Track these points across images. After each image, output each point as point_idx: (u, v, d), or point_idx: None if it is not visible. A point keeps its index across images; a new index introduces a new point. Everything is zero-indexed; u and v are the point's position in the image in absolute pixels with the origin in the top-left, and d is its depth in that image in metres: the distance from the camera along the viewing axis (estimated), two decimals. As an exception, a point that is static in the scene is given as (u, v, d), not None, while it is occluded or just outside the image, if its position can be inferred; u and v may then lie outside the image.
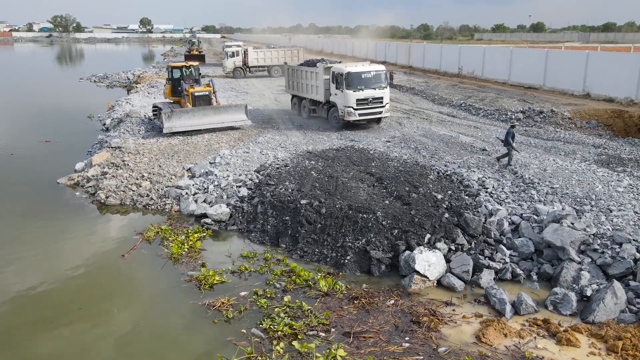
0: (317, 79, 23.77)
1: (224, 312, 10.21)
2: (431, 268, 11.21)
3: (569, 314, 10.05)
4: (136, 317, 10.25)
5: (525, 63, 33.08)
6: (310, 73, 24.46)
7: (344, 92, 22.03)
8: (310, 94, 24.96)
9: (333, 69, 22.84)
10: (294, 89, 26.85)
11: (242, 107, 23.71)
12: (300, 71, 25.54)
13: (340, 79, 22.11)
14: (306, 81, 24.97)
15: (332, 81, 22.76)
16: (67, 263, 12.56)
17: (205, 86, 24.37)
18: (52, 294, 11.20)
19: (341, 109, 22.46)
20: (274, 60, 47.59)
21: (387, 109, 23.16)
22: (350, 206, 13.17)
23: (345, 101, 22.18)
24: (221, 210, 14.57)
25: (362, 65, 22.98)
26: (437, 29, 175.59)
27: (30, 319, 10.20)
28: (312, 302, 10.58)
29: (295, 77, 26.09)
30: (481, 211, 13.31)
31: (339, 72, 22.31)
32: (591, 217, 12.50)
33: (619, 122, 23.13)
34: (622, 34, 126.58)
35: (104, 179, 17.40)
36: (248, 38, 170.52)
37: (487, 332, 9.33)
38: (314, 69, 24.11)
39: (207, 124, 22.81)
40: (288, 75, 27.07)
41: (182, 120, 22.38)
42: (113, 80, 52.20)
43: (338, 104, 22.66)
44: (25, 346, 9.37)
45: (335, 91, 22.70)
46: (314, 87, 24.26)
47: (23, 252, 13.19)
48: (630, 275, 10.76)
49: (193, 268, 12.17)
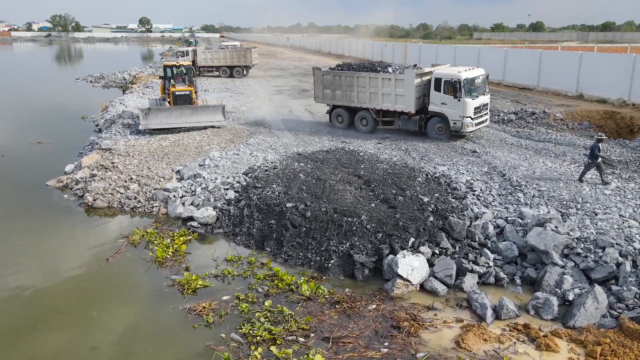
0: (404, 87, 20.85)
1: (204, 316, 10.19)
2: (414, 272, 11.18)
3: (550, 319, 10.03)
4: (115, 322, 10.22)
5: (520, 64, 33.04)
6: (384, 80, 21.31)
7: (463, 101, 19.69)
8: (379, 104, 21.86)
9: (439, 75, 20.32)
10: (338, 99, 23.21)
11: (220, 107, 24.03)
12: (359, 78, 22.04)
13: (456, 86, 19.68)
14: (371, 89, 21.77)
15: (437, 89, 20.30)
16: (50, 267, 12.54)
17: (187, 85, 24.85)
18: (33, 298, 11.16)
19: (455, 120, 20.05)
20: (222, 61, 48.04)
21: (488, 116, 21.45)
22: (335, 209, 13.14)
23: (464, 111, 19.80)
24: (207, 214, 14.55)
25: (472, 70, 20.71)
26: (437, 28, 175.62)
27: (10, 323, 10.18)
28: (294, 306, 10.56)
29: (345, 85, 22.58)
30: (467, 214, 13.29)
31: (451, 78, 19.85)
32: (576, 221, 12.47)
33: (611, 124, 23.11)
34: (621, 34, 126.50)
35: (92, 181, 17.38)
36: (247, 37, 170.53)
37: (466, 337, 9.31)
38: (394, 75, 21.18)
39: (184, 123, 23.19)
40: (326, 82, 23.34)
41: (159, 118, 22.95)
42: (109, 80, 52.12)
43: (449, 114, 20.16)
44: (2, 352, 9.35)
45: (442, 100, 20.22)
46: (392, 95, 21.26)
47: (5, 256, 13.15)
48: (612, 280, 10.75)
49: (177, 272, 12.14)
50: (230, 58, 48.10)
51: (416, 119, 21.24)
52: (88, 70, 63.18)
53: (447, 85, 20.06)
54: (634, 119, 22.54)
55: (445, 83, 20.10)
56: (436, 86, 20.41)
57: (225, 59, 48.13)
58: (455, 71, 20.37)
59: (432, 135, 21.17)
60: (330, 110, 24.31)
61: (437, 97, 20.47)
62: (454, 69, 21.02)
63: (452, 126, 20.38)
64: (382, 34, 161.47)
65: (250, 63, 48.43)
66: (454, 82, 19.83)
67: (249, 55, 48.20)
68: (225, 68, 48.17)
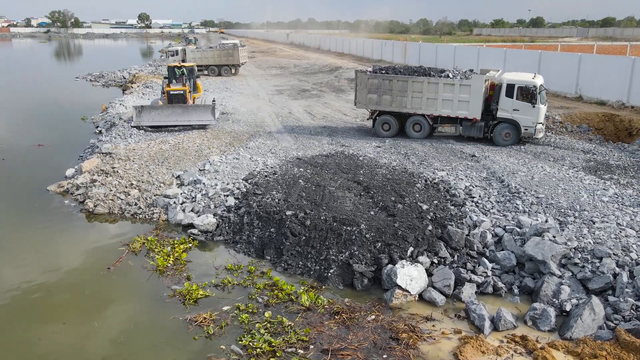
0: (470, 92, 20.39)
1: (205, 327, 10.28)
2: (413, 282, 11.27)
3: (547, 330, 10.12)
4: (116, 333, 10.31)
5: (518, 64, 33.03)
6: (446, 85, 20.69)
7: (537, 107, 19.76)
8: (437, 110, 21.22)
9: (512, 81, 20.12)
10: (385, 104, 22.04)
11: (209, 107, 24.94)
12: (414, 82, 21.18)
13: (532, 92, 19.73)
14: (429, 94, 21.08)
15: (509, 95, 20.09)
16: (52, 275, 12.62)
17: (182, 85, 25.94)
18: (35, 307, 11.24)
19: (528, 126, 20.04)
20: (210, 60, 48.35)
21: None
22: (334, 218, 13.22)
23: (539, 117, 19.91)
24: (208, 221, 14.63)
25: (540, 77, 20.86)
26: (436, 24, 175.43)
27: (10, 332, 10.26)
28: (294, 317, 10.65)
29: (396, 90, 21.57)
30: (466, 222, 13.37)
31: (526, 84, 19.85)
32: (573, 230, 12.56)
33: (609, 126, 23.18)
34: (621, 29, 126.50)
35: (92, 186, 17.44)
36: (246, 34, 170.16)
37: (464, 349, 9.41)
38: (458, 80, 20.54)
39: (174, 122, 24.36)
40: (371, 86, 22.04)
41: (151, 116, 24.42)
42: (109, 79, 52.10)
43: (522, 120, 20.06)
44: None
45: (515, 106, 20.06)
46: (454, 102, 20.74)
47: (5, 262, 13.24)
48: (609, 290, 10.84)
49: (178, 281, 12.23)
50: (219, 57, 48.43)
51: (481, 125, 20.88)
52: (87, 67, 63.17)
53: (521, 91, 19.94)
54: (633, 121, 22.59)
55: (519, 89, 19.95)
56: (508, 92, 20.16)
57: (214, 58, 48.44)
58: (529, 77, 20.33)
59: (499, 141, 20.76)
60: (374, 117, 22.91)
61: (509, 104, 20.23)
62: (525, 75, 20.86)
63: (523, 132, 20.27)
64: (383, 29, 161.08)
65: (238, 62, 48.51)
66: (530, 88, 19.79)
67: (236, 54, 48.33)
68: (213, 67, 48.49)
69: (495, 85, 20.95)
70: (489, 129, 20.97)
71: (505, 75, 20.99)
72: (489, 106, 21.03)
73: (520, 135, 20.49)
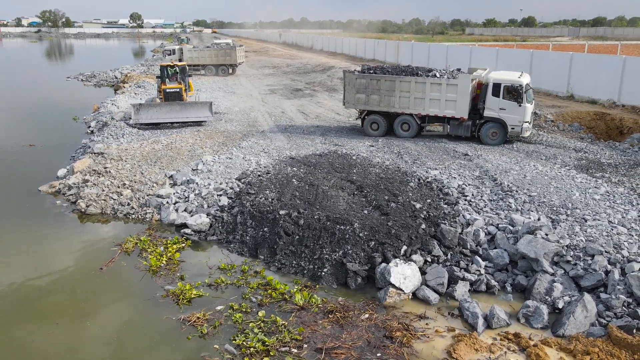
0: (457, 92, 20.40)
1: (198, 327, 10.25)
2: (406, 281, 11.29)
3: (540, 327, 10.18)
4: (109, 333, 10.25)
5: (510, 63, 33.15)
6: (433, 85, 20.67)
7: (524, 106, 19.78)
8: (424, 109, 21.21)
9: (498, 80, 20.13)
10: (373, 104, 22.01)
11: (207, 104, 25.35)
12: (402, 82, 21.14)
13: (518, 91, 19.74)
14: (417, 94, 21.04)
15: (496, 94, 20.11)
16: (44, 276, 12.53)
17: (177, 83, 26.45)
18: (26, 308, 11.16)
19: (514, 125, 20.04)
20: (207, 59, 48.50)
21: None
22: (328, 217, 13.22)
23: (525, 115, 19.90)
24: (201, 221, 14.59)
25: (526, 75, 20.96)
26: (429, 24, 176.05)
27: (4, 333, 10.18)
28: (287, 316, 10.64)
29: (384, 89, 21.53)
30: (459, 221, 13.41)
31: (512, 83, 19.86)
32: (565, 228, 12.64)
33: (601, 125, 23.35)
34: (612, 29, 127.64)
35: (85, 187, 17.33)
36: (239, 33, 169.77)
37: (458, 347, 9.44)
38: (445, 80, 20.55)
39: (172, 119, 24.83)
40: (359, 86, 22.01)
41: (149, 113, 24.75)
42: (101, 79, 51.83)
43: (508, 119, 20.08)
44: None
45: (501, 105, 20.06)
46: (441, 101, 20.75)
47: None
48: (601, 287, 10.92)
49: (171, 281, 12.18)
50: (216, 57, 48.38)
51: (468, 124, 20.90)
52: (79, 67, 62.79)
53: (507, 90, 19.95)
54: (624, 120, 22.78)
55: (505, 88, 19.95)
56: (494, 91, 20.16)
57: (211, 58, 48.41)
58: (515, 76, 20.29)
59: (486, 140, 20.80)
60: (362, 117, 22.91)
61: (495, 103, 20.23)
62: (511, 74, 20.80)
63: (510, 131, 20.30)
64: (375, 29, 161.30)
65: (235, 61, 48.47)
66: (516, 87, 19.79)
67: (233, 54, 48.27)
68: (211, 66, 48.57)
69: (482, 85, 21.03)
70: (477, 128, 21.04)
71: (491, 75, 20.98)
72: (476, 105, 21.12)
73: (507, 134, 20.60)
